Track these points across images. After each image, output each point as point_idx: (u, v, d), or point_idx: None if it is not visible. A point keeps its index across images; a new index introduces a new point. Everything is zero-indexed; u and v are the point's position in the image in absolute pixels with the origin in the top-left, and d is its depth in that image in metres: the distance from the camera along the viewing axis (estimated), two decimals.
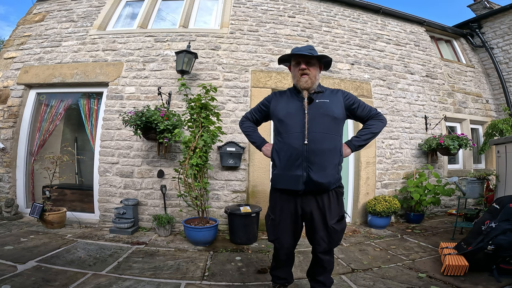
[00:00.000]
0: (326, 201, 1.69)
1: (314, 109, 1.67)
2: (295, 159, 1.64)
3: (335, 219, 1.70)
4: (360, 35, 4.96)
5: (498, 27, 5.96)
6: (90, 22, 4.59)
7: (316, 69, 1.74)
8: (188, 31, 4.43)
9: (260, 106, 1.94)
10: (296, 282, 2.21)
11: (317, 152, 1.61)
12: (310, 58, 1.70)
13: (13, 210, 3.82)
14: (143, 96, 4.02)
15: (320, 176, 1.61)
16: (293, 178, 1.65)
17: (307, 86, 1.70)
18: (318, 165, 1.61)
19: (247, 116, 2.01)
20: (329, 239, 1.71)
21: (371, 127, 1.79)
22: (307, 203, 1.70)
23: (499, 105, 5.89)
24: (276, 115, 1.79)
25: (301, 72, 1.69)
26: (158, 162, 3.85)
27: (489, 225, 2.41)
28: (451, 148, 4.24)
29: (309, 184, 1.62)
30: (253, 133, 1.95)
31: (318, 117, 1.66)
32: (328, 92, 1.78)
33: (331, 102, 1.72)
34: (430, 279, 2.34)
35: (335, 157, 1.67)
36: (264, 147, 1.88)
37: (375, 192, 4.31)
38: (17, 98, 4.19)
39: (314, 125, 1.64)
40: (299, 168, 1.63)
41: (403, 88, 4.88)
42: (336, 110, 1.70)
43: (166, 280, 2.26)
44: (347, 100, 1.78)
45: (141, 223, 3.76)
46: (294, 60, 1.75)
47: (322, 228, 1.70)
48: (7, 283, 2.02)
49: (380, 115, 1.84)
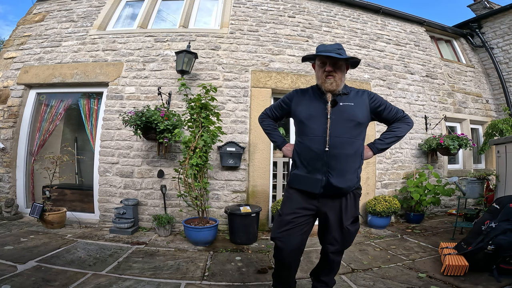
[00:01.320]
0: (344, 203, 1.65)
1: (337, 113, 1.60)
2: (315, 163, 1.60)
3: (350, 220, 1.66)
4: (360, 35, 4.96)
5: (498, 27, 5.96)
6: (90, 22, 4.59)
7: (343, 70, 1.65)
8: (188, 31, 4.43)
9: (281, 103, 1.85)
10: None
11: (338, 158, 1.57)
12: (337, 60, 1.59)
13: (13, 210, 3.82)
14: (143, 96, 4.02)
15: (340, 181, 1.58)
16: (312, 181, 1.61)
17: (332, 89, 1.61)
18: (338, 170, 1.58)
19: (267, 113, 1.93)
20: (343, 240, 1.68)
21: (397, 130, 1.72)
22: (324, 204, 1.66)
23: (499, 105, 5.89)
24: (297, 115, 1.72)
25: (327, 74, 1.60)
26: (158, 162, 3.85)
27: (489, 225, 2.41)
28: (451, 148, 4.24)
29: (328, 188, 1.59)
30: (274, 132, 1.91)
31: (341, 122, 1.59)
32: (353, 93, 1.69)
33: (355, 105, 1.64)
34: (430, 279, 2.34)
35: (356, 162, 1.63)
36: (285, 148, 1.84)
37: (375, 192, 4.31)
38: (17, 98, 4.19)
39: (337, 130, 1.58)
40: (319, 172, 1.59)
41: (403, 88, 4.88)
42: (360, 115, 1.63)
43: (166, 280, 2.25)
44: (373, 103, 1.69)
45: (141, 223, 3.76)
46: (320, 60, 1.64)
47: (337, 229, 1.66)
48: (7, 283, 2.02)
49: (407, 118, 1.75)
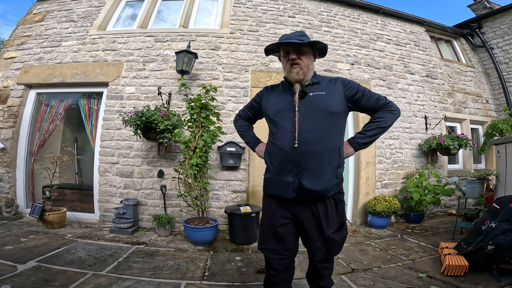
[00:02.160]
0: (321, 210, 1.47)
1: (307, 104, 1.45)
2: (286, 164, 1.44)
3: (334, 228, 1.49)
4: (360, 35, 4.96)
5: (498, 27, 5.96)
6: (90, 22, 4.59)
7: (309, 57, 1.51)
8: (188, 31, 4.43)
9: (252, 102, 1.75)
10: (296, 282, 2.21)
11: (310, 155, 1.40)
12: (300, 46, 1.46)
13: (13, 210, 3.82)
14: (143, 96, 4.02)
15: (314, 183, 1.40)
16: (283, 185, 1.45)
17: (299, 78, 1.47)
18: (312, 170, 1.40)
19: (241, 114, 1.84)
20: (327, 249, 1.52)
21: (379, 120, 1.49)
22: (299, 211, 1.50)
23: (499, 105, 5.89)
24: (267, 113, 1.59)
25: (291, 62, 1.47)
26: (158, 162, 3.85)
27: (489, 225, 2.41)
28: (451, 148, 4.24)
29: (301, 192, 1.42)
30: (246, 133, 1.79)
31: (312, 114, 1.43)
32: (325, 82, 1.54)
33: (328, 94, 1.47)
34: (430, 279, 2.34)
35: (333, 159, 1.43)
36: (258, 148, 1.72)
37: (375, 192, 4.31)
38: (17, 98, 4.19)
39: (307, 124, 1.42)
40: (290, 174, 1.43)
41: (403, 88, 4.88)
42: (333, 104, 1.45)
43: (166, 280, 2.26)
44: (348, 90, 1.51)
45: (141, 223, 3.76)
46: (283, 49, 1.52)
47: (318, 238, 1.50)
48: (7, 283, 2.02)
49: (391, 105, 1.53)
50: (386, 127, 1.51)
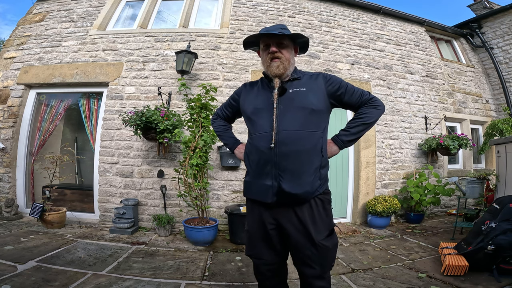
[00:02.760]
0: (307, 213, 1.33)
1: (286, 101, 1.35)
2: (264, 165, 1.34)
3: (324, 233, 1.34)
4: (360, 35, 4.96)
5: (498, 27, 5.96)
6: (90, 22, 4.59)
7: (290, 51, 1.43)
8: (188, 31, 4.43)
9: (230, 100, 1.64)
10: (296, 282, 2.20)
11: (289, 156, 1.29)
12: (281, 39, 1.38)
13: (13, 210, 3.82)
14: (143, 96, 4.02)
15: (294, 186, 1.29)
16: (262, 188, 1.35)
17: (279, 73, 1.37)
18: (291, 172, 1.30)
19: (218, 113, 1.71)
20: (320, 259, 1.33)
21: (364, 116, 1.41)
22: (283, 216, 1.36)
23: (499, 105, 5.89)
24: (245, 111, 1.49)
25: (271, 56, 1.38)
26: (158, 162, 3.85)
27: (489, 225, 2.41)
28: (451, 148, 4.24)
29: (281, 195, 1.31)
30: (224, 133, 1.66)
31: (291, 112, 1.33)
32: (306, 78, 1.44)
33: (308, 90, 1.38)
34: (430, 279, 2.34)
35: (315, 160, 1.32)
36: (237, 149, 1.59)
37: (375, 192, 4.31)
38: (17, 98, 4.19)
39: (286, 122, 1.32)
40: (269, 177, 1.32)
41: (403, 88, 4.88)
42: (314, 100, 1.35)
43: (166, 280, 2.26)
44: (330, 86, 1.41)
45: (141, 223, 3.76)
46: (263, 42, 1.43)
47: (308, 247, 1.33)
48: (7, 283, 2.02)
49: (375, 100, 1.44)
50: (371, 123, 1.42)
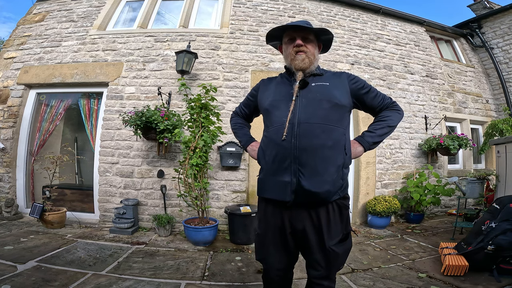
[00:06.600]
0: (323, 217, 1.26)
1: (308, 94, 1.29)
2: (282, 160, 1.25)
3: (336, 239, 1.28)
4: (360, 35, 4.96)
5: (498, 27, 5.96)
6: (90, 22, 4.59)
7: (315, 47, 1.38)
8: (188, 31, 4.43)
9: (248, 97, 1.59)
10: (296, 282, 2.21)
11: (310, 150, 1.21)
12: (307, 33, 1.34)
13: (13, 210, 3.82)
14: (143, 96, 4.02)
15: (315, 184, 1.20)
16: (279, 185, 1.26)
17: (304, 66, 1.32)
18: (312, 168, 1.20)
19: (236, 111, 1.69)
20: (327, 263, 1.29)
21: (387, 119, 1.37)
22: (298, 218, 1.28)
23: (499, 105, 5.89)
24: (262, 104, 1.43)
25: (297, 49, 1.32)
26: (158, 162, 3.85)
27: (489, 225, 2.41)
28: (451, 148, 4.24)
29: (300, 194, 1.22)
30: (240, 130, 1.62)
31: (313, 104, 1.26)
32: (329, 74, 1.40)
33: (332, 85, 1.32)
34: (430, 279, 2.34)
35: (338, 157, 1.24)
36: (250, 147, 1.52)
37: (375, 192, 4.31)
38: (17, 98, 4.19)
39: (307, 114, 1.24)
40: (287, 172, 1.23)
41: (403, 88, 4.88)
42: (338, 95, 1.29)
43: (166, 280, 2.26)
44: (354, 84, 1.37)
45: (141, 223, 3.76)
46: (288, 35, 1.38)
47: (318, 250, 1.28)
48: (7, 283, 2.02)
49: (397, 105, 1.42)
50: (394, 126, 1.39)
